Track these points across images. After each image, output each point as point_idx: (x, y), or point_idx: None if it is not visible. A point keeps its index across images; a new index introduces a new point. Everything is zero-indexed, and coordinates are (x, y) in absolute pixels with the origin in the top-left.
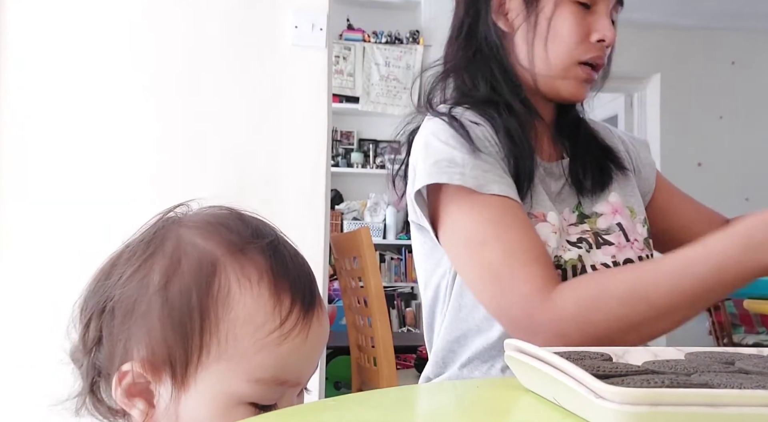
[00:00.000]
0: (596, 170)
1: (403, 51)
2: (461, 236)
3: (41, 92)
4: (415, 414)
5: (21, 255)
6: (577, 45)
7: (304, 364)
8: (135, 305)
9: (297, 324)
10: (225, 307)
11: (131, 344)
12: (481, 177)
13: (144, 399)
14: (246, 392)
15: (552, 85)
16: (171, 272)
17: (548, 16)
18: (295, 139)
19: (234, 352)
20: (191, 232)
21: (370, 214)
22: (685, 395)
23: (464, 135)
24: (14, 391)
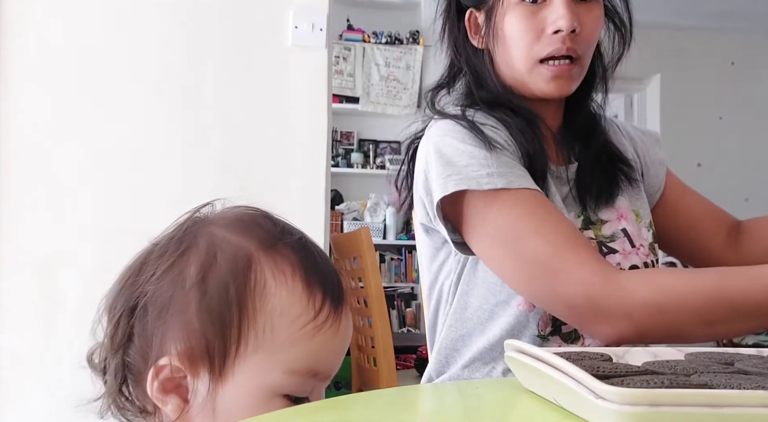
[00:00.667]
0: (605, 182)
1: (403, 51)
2: (497, 235)
3: (42, 94)
4: (415, 415)
5: (21, 255)
6: (532, 44)
7: (334, 357)
8: (171, 299)
9: (329, 317)
10: (262, 299)
11: (167, 339)
12: (509, 173)
13: (178, 395)
14: (282, 383)
15: (525, 87)
16: (207, 266)
17: (501, 25)
18: (295, 139)
19: (271, 344)
20: (223, 229)
21: (370, 214)
22: (684, 395)
23: (480, 133)
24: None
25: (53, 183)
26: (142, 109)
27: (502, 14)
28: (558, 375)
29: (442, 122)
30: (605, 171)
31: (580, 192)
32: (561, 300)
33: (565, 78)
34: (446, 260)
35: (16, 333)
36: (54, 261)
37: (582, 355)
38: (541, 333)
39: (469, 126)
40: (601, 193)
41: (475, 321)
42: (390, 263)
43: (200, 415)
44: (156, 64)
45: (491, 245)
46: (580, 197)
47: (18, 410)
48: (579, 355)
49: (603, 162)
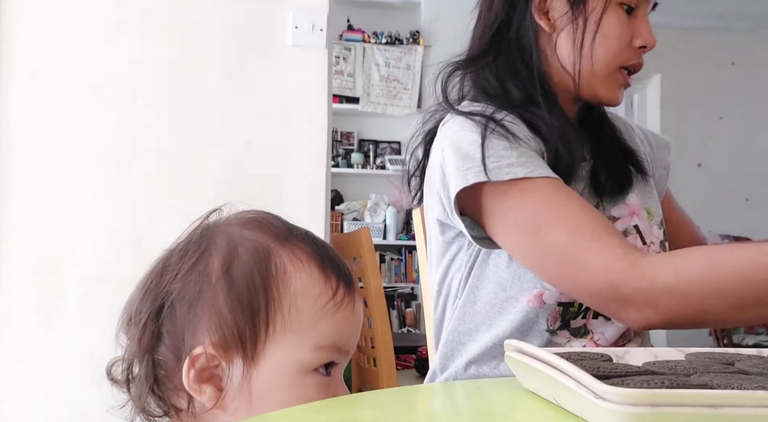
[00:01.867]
0: (617, 174)
1: (403, 51)
2: (517, 224)
3: (43, 94)
4: (415, 415)
5: (21, 255)
6: (622, 51)
7: (353, 333)
8: (200, 293)
9: (345, 296)
10: (284, 283)
11: (199, 330)
12: (528, 163)
13: (213, 384)
14: (312, 359)
15: (592, 88)
16: (230, 259)
17: (597, 19)
18: (295, 139)
19: (297, 323)
20: (238, 228)
21: (370, 214)
22: (685, 395)
23: (501, 130)
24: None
25: (53, 183)
26: (143, 109)
27: (600, 8)
28: (558, 375)
29: (459, 119)
30: (618, 166)
31: (596, 188)
32: (585, 290)
33: (625, 88)
34: (457, 255)
35: (16, 333)
36: (54, 261)
37: (582, 355)
38: (550, 327)
39: (486, 121)
40: (615, 187)
41: (483, 316)
42: (390, 263)
43: (236, 400)
44: (156, 64)
45: (513, 235)
46: (596, 192)
47: (18, 410)
48: (579, 355)
49: (615, 157)
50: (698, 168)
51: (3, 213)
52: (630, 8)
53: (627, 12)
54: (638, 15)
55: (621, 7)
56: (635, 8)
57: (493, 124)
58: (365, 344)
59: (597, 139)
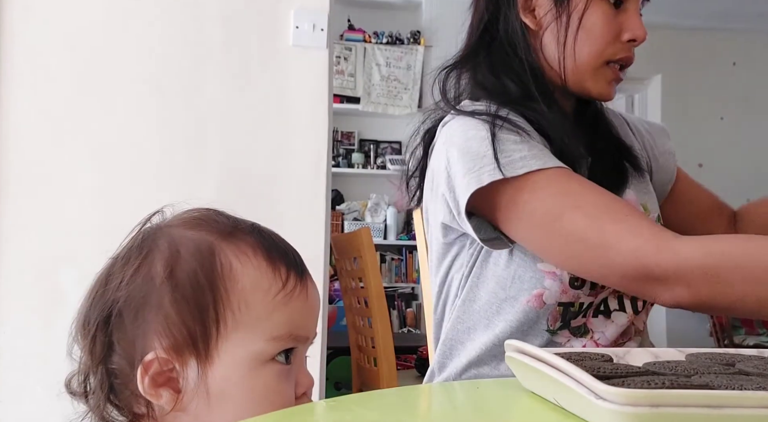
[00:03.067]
0: (613, 170)
1: (404, 51)
2: (535, 218)
3: (43, 94)
4: (415, 415)
5: (21, 255)
6: (608, 45)
7: (309, 320)
8: (145, 299)
9: (297, 285)
10: (231, 281)
11: (149, 336)
12: (541, 155)
13: (170, 387)
14: (267, 350)
15: (580, 83)
16: (173, 261)
17: (580, 15)
18: (296, 139)
19: (249, 318)
20: (180, 228)
21: (371, 214)
22: (685, 396)
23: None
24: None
25: (54, 183)
26: (143, 109)
27: (582, 4)
28: (558, 376)
29: (462, 119)
30: (614, 162)
31: None
32: (613, 272)
33: (617, 83)
34: (459, 255)
35: (16, 333)
36: (54, 261)
37: (582, 356)
38: (550, 327)
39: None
40: (612, 184)
41: (482, 315)
42: (390, 263)
43: (195, 400)
44: (157, 63)
45: (532, 228)
46: None
47: (18, 410)
48: (579, 356)
49: (612, 154)
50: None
51: (3, 213)
52: (618, 2)
53: (615, 5)
54: (628, 8)
55: (606, 1)
56: (624, 2)
57: (500, 120)
58: (366, 344)
59: (593, 135)
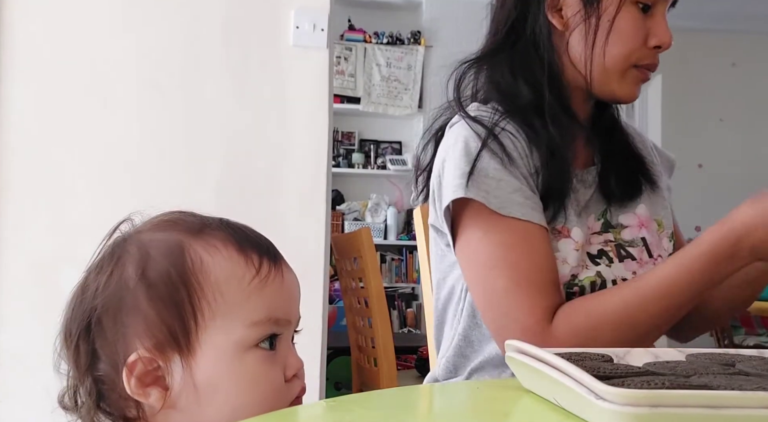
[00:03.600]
0: (626, 179)
1: (404, 52)
2: (475, 256)
3: (44, 94)
4: (416, 415)
5: (21, 255)
6: (637, 49)
7: (288, 303)
8: (121, 302)
9: (271, 270)
10: (203, 273)
11: (130, 338)
12: (506, 198)
13: (157, 385)
14: (248, 336)
15: (607, 85)
16: (144, 263)
17: (611, 18)
18: (296, 139)
19: (226, 307)
20: (149, 232)
21: (371, 214)
22: (685, 396)
23: (498, 148)
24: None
25: (54, 183)
26: (144, 108)
27: (614, 7)
28: (558, 376)
29: (464, 129)
30: (628, 171)
31: (605, 193)
32: (501, 339)
33: (641, 86)
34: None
35: (16, 333)
36: (54, 261)
37: (582, 356)
38: None
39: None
40: (625, 193)
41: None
42: (391, 263)
43: (183, 394)
44: (157, 63)
45: (468, 263)
46: (606, 197)
47: (18, 409)
48: (579, 356)
49: (625, 162)
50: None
51: (3, 213)
52: (646, 6)
53: (643, 11)
54: (655, 14)
55: (636, 5)
56: (652, 7)
57: (496, 142)
58: (366, 344)
59: (608, 142)
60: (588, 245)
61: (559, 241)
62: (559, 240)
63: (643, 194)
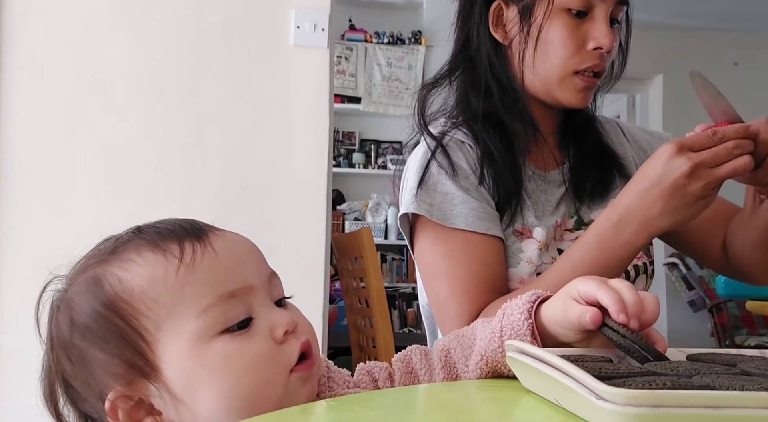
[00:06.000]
0: (598, 178)
1: (405, 51)
2: (423, 266)
3: (44, 94)
4: (415, 415)
5: (22, 254)
6: (572, 56)
7: (236, 268)
8: (72, 359)
9: (196, 249)
10: (125, 291)
11: (99, 387)
12: (449, 210)
13: (149, 415)
14: (204, 325)
15: (549, 94)
16: (70, 313)
17: (538, 29)
18: (297, 139)
19: (165, 311)
20: (72, 283)
21: (372, 214)
22: (686, 396)
23: (446, 164)
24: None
25: (54, 184)
26: (144, 108)
27: (544, 17)
28: (559, 376)
29: (422, 145)
30: (599, 168)
31: (576, 191)
32: None
33: (590, 90)
34: None
35: (17, 332)
36: (55, 260)
37: (583, 356)
38: None
39: (441, 154)
40: (596, 190)
41: None
42: (391, 263)
43: (174, 410)
44: (158, 63)
45: (419, 270)
46: (576, 195)
47: (19, 409)
48: (580, 356)
49: (596, 160)
50: None
51: (4, 213)
52: (581, 12)
53: (578, 16)
54: (594, 17)
55: (567, 12)
56: (589, 11)
57: (445, 157)
58: (366, 344)
59: (579, 141)
60: (560, 241)
61: (523, 242)
62: (522, 241)
63: (616, 190)
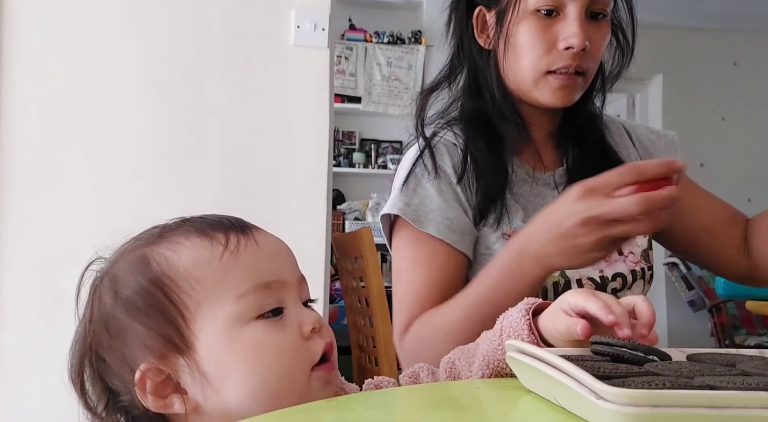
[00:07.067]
0: None
1: (405, 51)
2: (393, 263)
3: (46, 95)
4: (416, 415)
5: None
6: (541, 57)
7: (274, 264)
8: (109, 331)
9: (240, 239)
10: (171, 269)
11: (131, 359)
12: (423, 214)
13: (175, 393)
14: (240, 310)
15: (529, 95)
16: (115, 287)
17: (513, 30)
18: (297, 139)
19: (206, 292)
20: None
21: (372, 214)
22: (686, 396)
23: (430, 166)
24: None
25: (56, 182)
26: (145, 109)
27: (515, 20)
28: (559, 376)
29: (414, 147)
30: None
31: None
32: None
33: (570, 89)
34: None
35: (19, 332)
36: (55, 261)
37: (583, 356)
38: None
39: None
40: None
41: None
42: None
43: (202, 390)
44: (158, 63)
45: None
46: None
47: (21, 409)
48: (580, 356)
49: (597, 162)
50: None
51: (5, 213)
52: (549, 11)
53: (547, 15)
54: (565, 16)
55: (536, 14)
56: (560, 10)
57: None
58: (367, 343)
59: (580, 144)
60: None
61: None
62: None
63: None
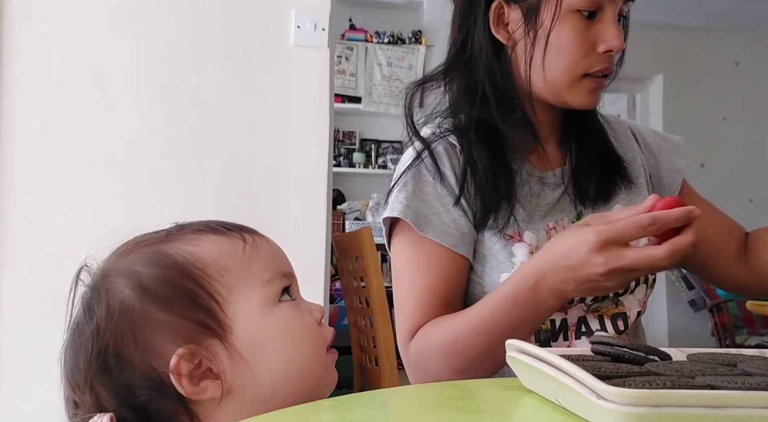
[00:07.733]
0: (600, 180)
1: (405, 51)
2: (393, 267)
3: (44, 94)
4: (416, 415)
5: (24, 253)
6: (582, 59)
7: (283, 258)
8: (133, 325)
9: (254, 237)
10: (198, 260)
11: (161, 349)
12: (423, 217)
13: (209, 377)
14: (269, 293)
15: (558, 97)
16: (136, 279)
17: (547, 32)
18: (297, 139)
19: (236, 279)
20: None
21: (372, 214)
22: (687, 396)
23: (432, 169)
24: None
25: (56, 181)
26: (144, 108)
27: (552, 20)
28: (559, 376)
29: (410, 148)
30: (602, 170)
31: (578, 193)
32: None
33: (600, 90)
34: None
35: (19, 331)
36: (56, 260)
37: (584, 356)
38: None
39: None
40: (599, 193)
41: None
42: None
43: (237, 372)
44: (158, 63)
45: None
46: (579, 198)
47: (21, 408)
48: (580, 355)
49: (599, 161)
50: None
51: (5, 213)
52: (592, 13)
53: (588, 17)
54: (603, 18)
55: (577, 14)
56: (598, 12)
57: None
58: (367, 343)
59: (582, 143)
60: None
61: (513, 245)
62: (513, 245)
63: (620, 194)
